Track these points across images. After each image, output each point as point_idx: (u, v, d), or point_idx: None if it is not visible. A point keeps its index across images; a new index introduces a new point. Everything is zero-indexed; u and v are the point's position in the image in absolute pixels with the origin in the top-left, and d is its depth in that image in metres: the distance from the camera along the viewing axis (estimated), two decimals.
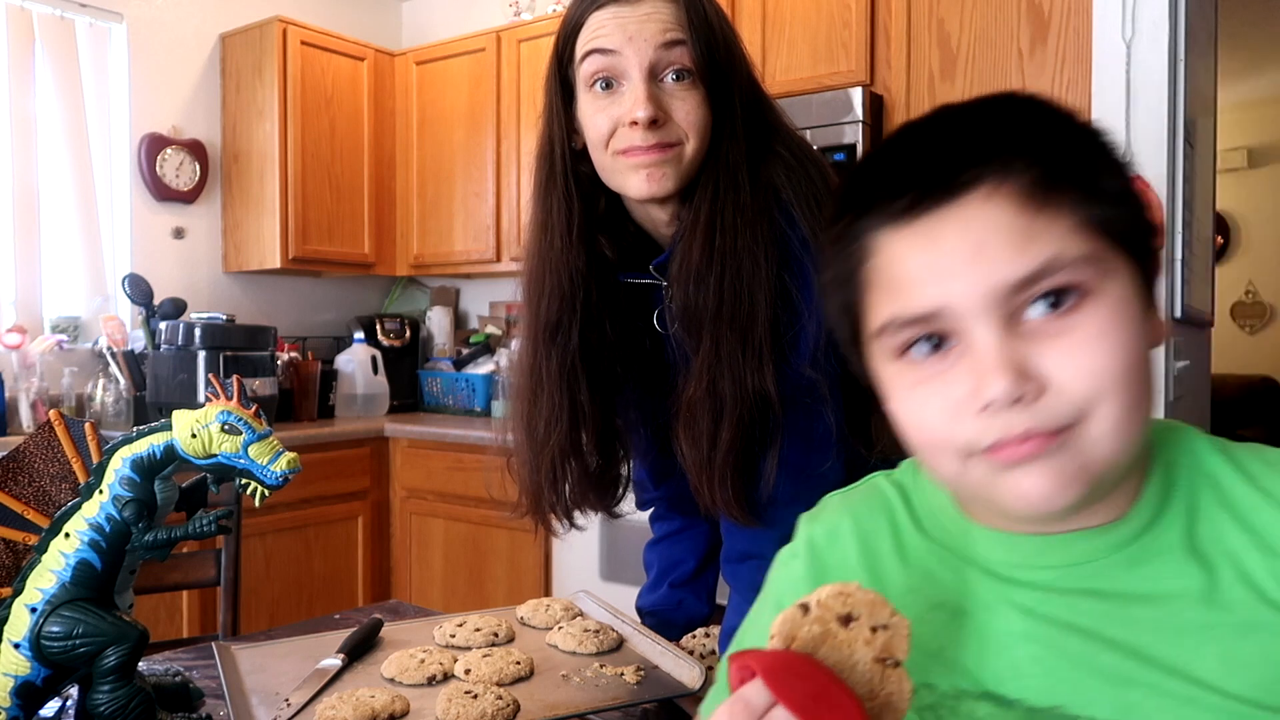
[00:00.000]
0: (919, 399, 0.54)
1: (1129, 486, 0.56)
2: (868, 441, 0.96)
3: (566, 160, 0.98)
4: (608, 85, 0.92)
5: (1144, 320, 0.54)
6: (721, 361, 0.92)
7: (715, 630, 1.07)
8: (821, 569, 0.65)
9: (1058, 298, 0.50)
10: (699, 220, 0.93)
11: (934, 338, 0.53)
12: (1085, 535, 0.56)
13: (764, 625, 0.68)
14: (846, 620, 0.50)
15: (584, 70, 0.93)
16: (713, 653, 1.04)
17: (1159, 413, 1.95)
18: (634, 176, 0.93)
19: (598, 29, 0.91)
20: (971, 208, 0.51)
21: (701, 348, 0.93)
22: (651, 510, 1.24)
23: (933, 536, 0.62)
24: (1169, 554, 0.54)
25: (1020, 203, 0.51)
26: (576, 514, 1.09)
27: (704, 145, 0.93)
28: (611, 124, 0.92)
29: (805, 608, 0.50)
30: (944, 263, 0.51)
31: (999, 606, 0.57)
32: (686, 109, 0.91)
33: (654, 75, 0.91)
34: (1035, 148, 0.52)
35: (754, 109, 0.96)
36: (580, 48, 0.93)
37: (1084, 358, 0.50)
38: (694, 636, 1.06)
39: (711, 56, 0.92)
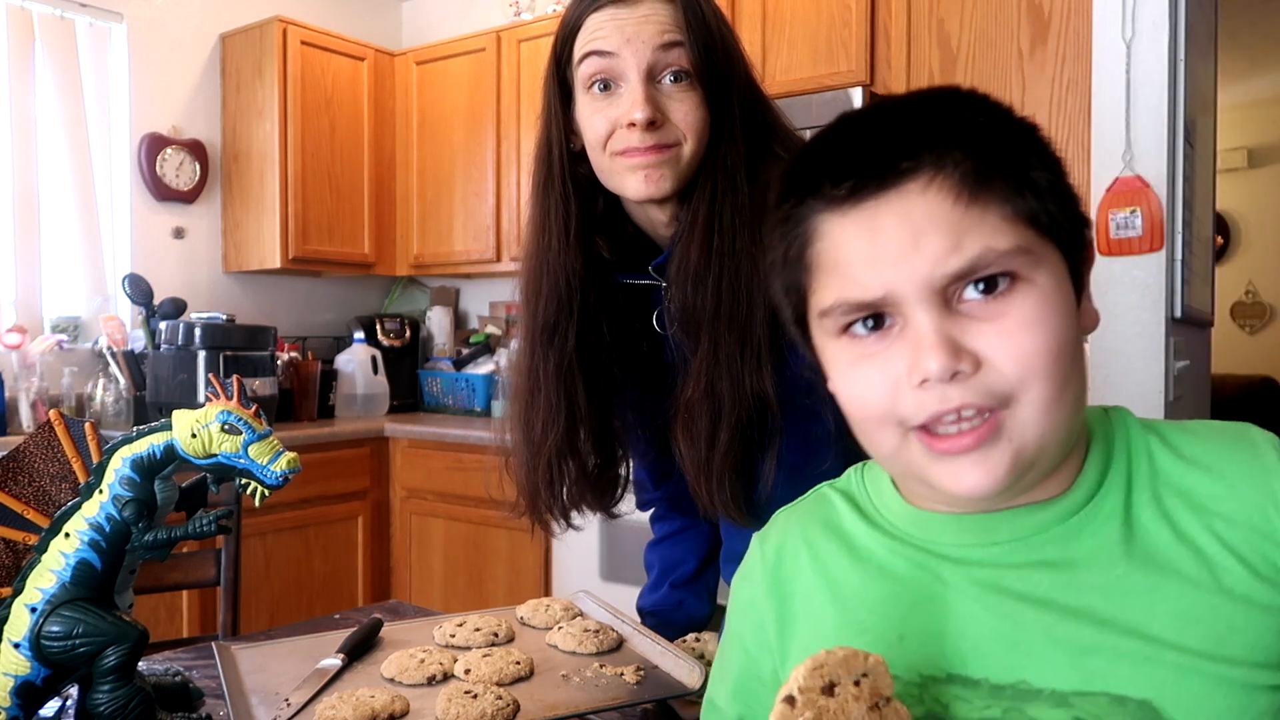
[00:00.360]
0: (860, 375, 0.57)
1: (1071, 463, 0.58)
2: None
3: (564, 162, 0.98)
4: (605, 87, 0.92)
5: (1074, 308, 0.56)
6: (720, 363, 0.92)
7: (709, 636, 1.07)
8: (778, 582, 0.66)
9: (989, 283, 0.53)
10: (697, 221, 0.93)
11: (875, 317, 0.56)
12: (1031, 510, 0.58)
13: (728, 661, 0.70)
14: (830, 690, 0.51)
15: (582, 72, 0.93)
16: (702, 656, 1.03)
17: (1159, 413, 1.95)
18: (632, 178, 0.93)
19: (595, 31, 0.91)
20: (910, 196, 0.54)
21: (700, 349, 0.93)
22: (652, 511, 1.24)
23: (883, 530, 0.63)
24: (1111, 521, 0.56)
25: (955, 194, 0.53)
26: (574, 514, 1.09)
27: (702, 146, 0.93)
28: (610, 125, 0.92)
29: (791, 700, 0.51)
30: (885, 251, 0.54)
31: (954, 589, 0.58)
32: (684, 110, 0.91)
33: (652, 77, 0.91)
34: (970, 139, 0.55)
35: (752, 110, 0.96)
36: (578, 49, 0.93)
37: (1015, 341, 0.53)
38: (684, 641, 1.06)
39: (709, 58, 0.91)
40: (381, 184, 3.45)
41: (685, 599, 1.19)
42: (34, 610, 0.75)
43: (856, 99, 2.33)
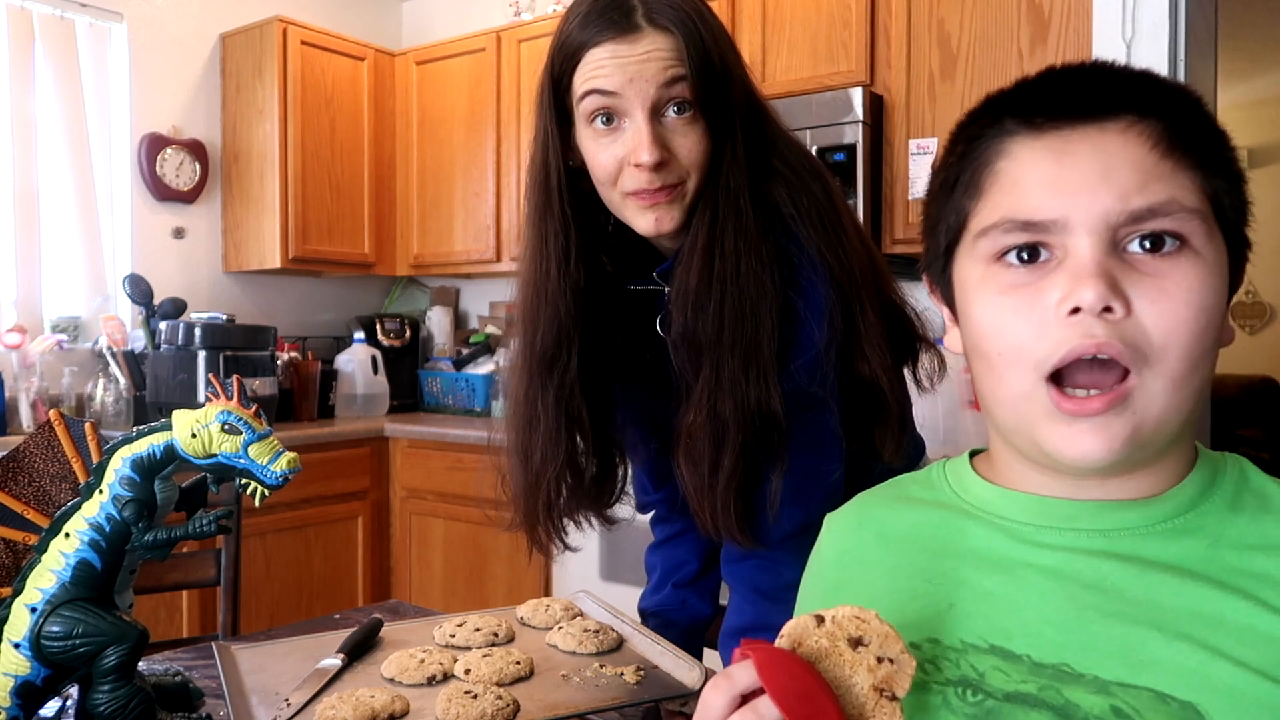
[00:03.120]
0: (1008, 304, 0.56)
1: (1169, 468, 0.58)
2: (871, 451, 0.96)
3: (562, 185, 0.96)
4: (608, 120, 0.91)
5: (1226, 300, 0.56)
6: (722, 386, 0.91)
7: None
8: (840, 553, 0.70)
9: (1156, 241, 0.53)
10: (696, 245, 0.92)
11: (1030, 249, 0.56)
12: (1118, 506, 0.58)
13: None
14: (856, 643, 0.51)
15: (584, 107, 0.91)
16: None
17: None
18: (641, 218, 0.93)
19: (597, 68, 0.89)
20: (1108, 134, 0.54)
21: (701, 374, 0.92)
22: (652, 513, 1.24)
23: (958, 509, 0.64)
24: (1200, 536, 0.56)
25: (1153, 142, 0.54)
26: (571, 528, 1.08)
27: (704, 176, 0.92)
28: (617, 164, 0.91)
29: (820, 620, 0.52)
30: (1072, 178, 0.54)
31: (1022, 568, 0.59)
32: (689, 145, 0.90)
33: (656, 113, 0.89)
34: (1174, 105, 0.56)
35: (753, 127, 0.95)
36: (579, 85, 0.91)
37: (1170, 302, 0.53)
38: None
39: (711, 87, 0.90)
40: (381, 184, 3.45)
41: (689, 599, 1.19)
42: (34, 610, 0.75)
43: (856, 99, 2.33)
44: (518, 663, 0.93)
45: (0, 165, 2.84)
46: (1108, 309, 0.52)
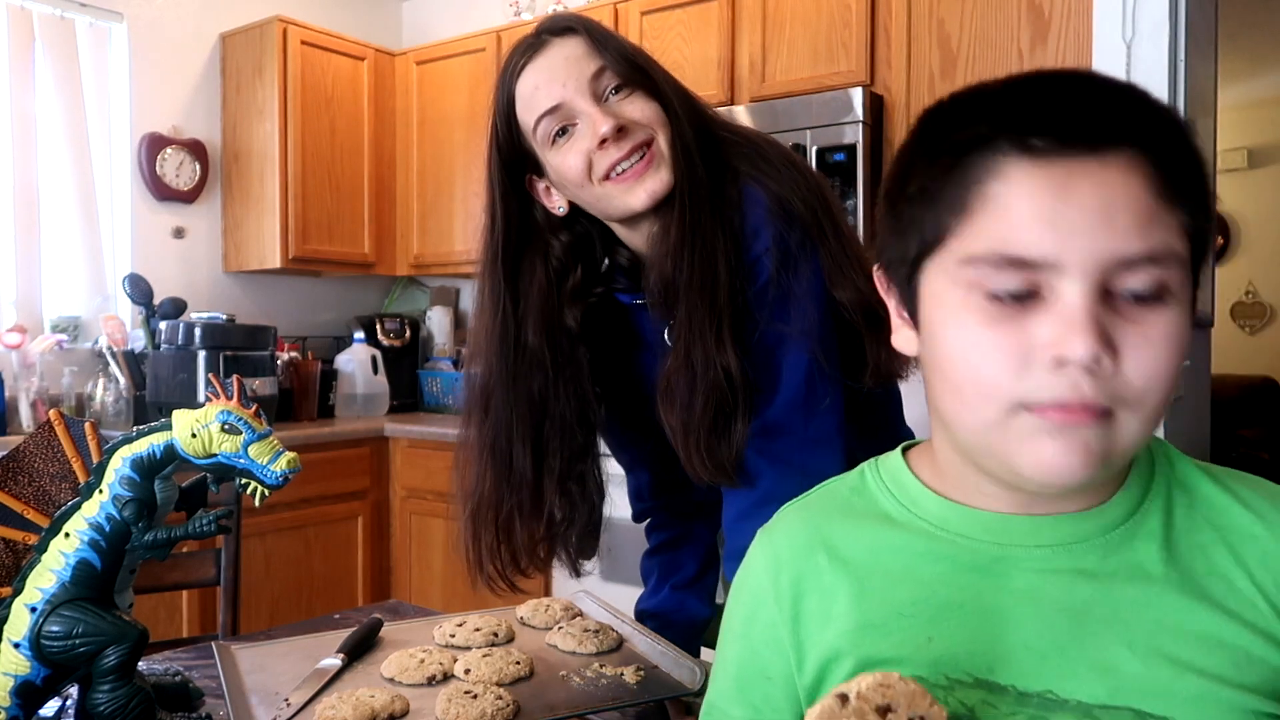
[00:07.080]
0: (989, 338, 0.53)
1: (1113, 477, 0.59)
2: (854, 372, 0.98)
3: (546, 230, 1.04)
4: (563, 131, 0.96)
5: None
6: (694, 331, 0.95)
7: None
8: (792, 580, 0.65)
9: (1141, 291, 0.52)
10: (672, 202, 0.96)
11: (1019, 286, 0.52)
12: (1074, 517, 0.58)
13: (730, 663, 0.68)
14: (884, 712, 0.50)
15: (540, 133, 0.97)
16: None
17: None
18: (632, 196, 0.96)
19: (534, 92, 0.96)
20: (1111, 170, 0.51)
21: (678, 321, 0.96)
22: (648, 521, 1.24)
23: (912, 529, 0.62)
24: (1152, 540, 0.58)
25: (1154, 185, 0.51)
26: (581, 563, 1.15)
27: (669, 130, 0.96)
28: (585, 157, 0.95)
29: (844, 698, 0.50)
30: (1072, 216, 0.51)
31: (991, 592, 0.58)
32: (639, 108, 0.96)
33: (599, 100, 0.95)
34: (1174, 143, 0.53)
35: (684, 97, 1.01)
36: (527, 120, 0.98)
37: (1154, 352, 0.52)
38: None
39: (632, 62, 0.96)
40: (381, 184, 3.45)
41: (687, 600, 1.19)
42: (34, 610, 0.75)
43: (856, 99, 2.33)
44: (518, 663, 0.93)
45: (0, 165, 2.85)
46: (1098, 361, 0.51)
